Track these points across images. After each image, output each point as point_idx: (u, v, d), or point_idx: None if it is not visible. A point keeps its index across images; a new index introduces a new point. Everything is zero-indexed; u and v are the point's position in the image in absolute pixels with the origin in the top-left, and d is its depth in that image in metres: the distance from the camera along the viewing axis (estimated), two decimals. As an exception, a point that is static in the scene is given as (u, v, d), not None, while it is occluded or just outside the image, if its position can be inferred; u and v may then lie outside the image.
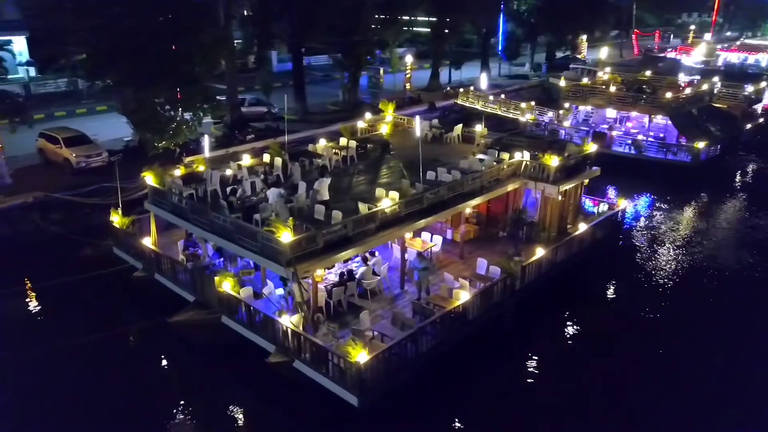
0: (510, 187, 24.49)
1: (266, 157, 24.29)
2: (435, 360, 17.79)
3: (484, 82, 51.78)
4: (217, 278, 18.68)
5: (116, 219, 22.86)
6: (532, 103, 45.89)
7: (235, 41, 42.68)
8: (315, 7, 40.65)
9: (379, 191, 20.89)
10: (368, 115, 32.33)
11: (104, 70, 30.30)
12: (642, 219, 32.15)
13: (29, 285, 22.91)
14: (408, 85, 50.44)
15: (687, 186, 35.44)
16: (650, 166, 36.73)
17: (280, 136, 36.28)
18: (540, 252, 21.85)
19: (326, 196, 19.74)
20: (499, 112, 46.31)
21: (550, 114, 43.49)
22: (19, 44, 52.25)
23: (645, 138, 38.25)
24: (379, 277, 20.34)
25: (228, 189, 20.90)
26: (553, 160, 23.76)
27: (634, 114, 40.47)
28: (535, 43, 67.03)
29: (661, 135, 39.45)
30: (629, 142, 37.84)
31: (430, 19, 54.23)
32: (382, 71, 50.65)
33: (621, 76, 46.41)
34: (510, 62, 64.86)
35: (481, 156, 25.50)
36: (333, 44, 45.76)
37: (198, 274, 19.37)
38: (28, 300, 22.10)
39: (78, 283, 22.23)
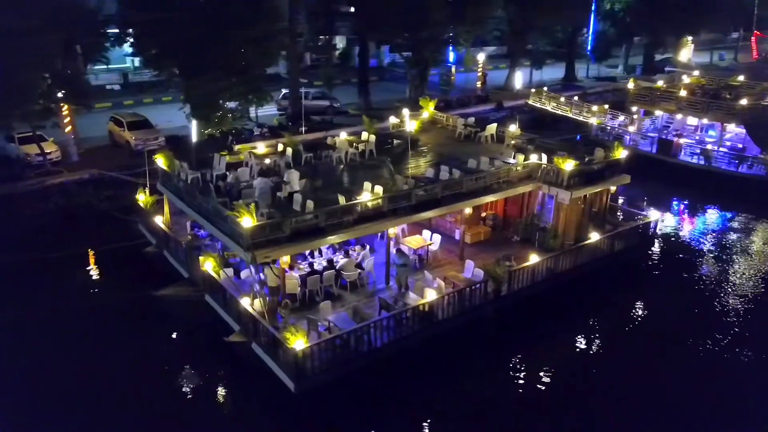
0: (521, 190, 23.74)
1: (280, 147, 25.17)
2: (396, 356, 17.75)
3: (518, 82, 49.73)
4: (201, 258, 19.81)
5: (142, 198, 24.71)
6: (606, 106, 43.63)
7: (301, 35, 44.07)
8: (381, 2, 41.11)
9: (366, 185, 21.04)
10: (405, 111, 32.35)
11: (167, 61, 32.59)
12: (690, 234, 29.77)
13: (66, 252, 25.07)
14: (479, 84, 49.65)
15: (761, 203, 32.17)
16: (720, 179, 33.80)
17: (334, 129, 37.42)
18: (534, 259, 21.03)
19: (297, 187, 20.15)
20: (570, 115, 44.55)
21: (621, 118, 41.21)
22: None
23: (715, 148, 35.19)
24: (359, 270, 20.49)
25: (218, 174, 21.95)
26: (567, 164, 22.70)
27: (705, 121, 37.38)
28: (630, 44, 63.24)
29: (740, 146, 36.14)
30: (697, 151, 35.03)
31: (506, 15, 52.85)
32: (454, 69, 50.25)
33: (707, 81, 42.91)
34: (600, 63, 61.73)
35: (493, 156, 24.92)
36: (402, 41, 45.98)
37: (188, 253, 20.59)
38: (58, 265, 24.23)
39: (103, 252, 24.42)
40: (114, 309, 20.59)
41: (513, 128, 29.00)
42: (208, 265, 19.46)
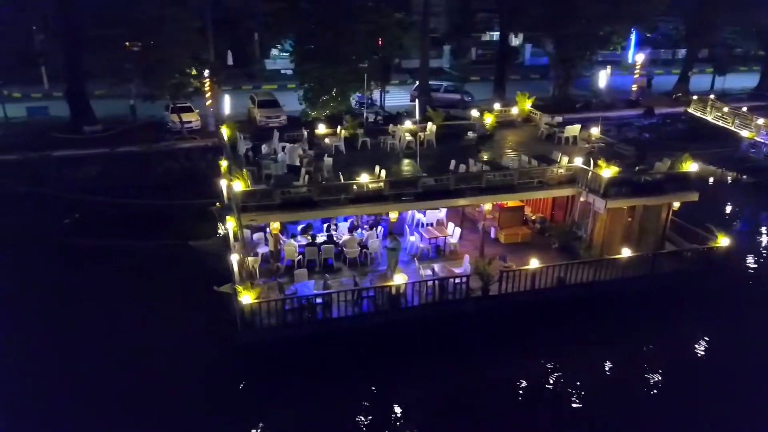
0: (557, 193, 22.64)
1: (338, 129, 26.86)
2: (357, 332, 18.54)
3: (602, 82, 43.20)
4: (228, 217, 22.44)
5: (224, 164, 28.24)
6: (774, 119, 37.61)
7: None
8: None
9: (377, 169, 21.78)
10: (497, 106, 31.84)
11: (296, 48, 36.17)
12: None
13: (168, 203, 29.48)
14: (634, 87, 45.74)
15: None
16: None
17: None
18: (534, 263, 19.99)
19: (296, 162, 21.51)
20: (732, 127, 39.20)
21: (785, 134, 35.38)
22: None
23: None
24: (365, 250, 21.45)
25: (251, 145, 24.32)
26: (605, 171, 21.00)
27: None
28: None
29: None
30: None
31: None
32: (609, 70, 46.87)
33: None
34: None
35: (540, 156, 23.87)
36: (552, 37, 44.38)
37: (223, 213, 23.43)
38: (155, 212, 28.44)
39: (187, 206, 28.47)
40: (153, 250, 24.07)
41: (594, 131, 27.15)
42: (230, 224, 22.00)
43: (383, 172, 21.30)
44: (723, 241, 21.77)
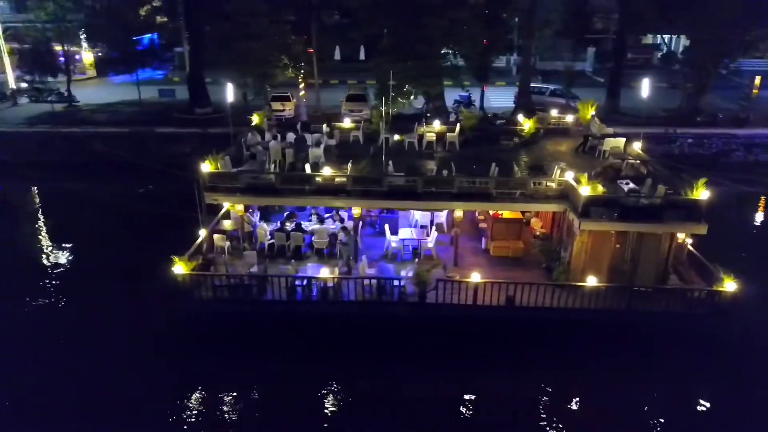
0: (537, 208, 21.22)
1: (361, 124, 27.21)
2: (286, 318, 19.18)
3: None
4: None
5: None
6: None
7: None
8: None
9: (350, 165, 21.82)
10: (554, 112, 29.51)
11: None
12: None
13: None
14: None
15: None
16: None
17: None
18: (475, 277, 18.70)
19: (260, 148, 22.31)
20: None
21: None
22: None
23: None
24: (327, 239, 21.87)
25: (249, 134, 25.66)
26: (583, 188, 18.87)
27: None
28: None
29: None
30: None
31: None
32: (758, 81, 40.29)
33: None
34: None
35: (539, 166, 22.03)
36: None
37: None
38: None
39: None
40: (177, 219, 26.34)
41: (636, 145, 24.13)
42: (225, 204, 23.77)
43: (350, 167, 21.43)
44: (729, 284, 18.22)
